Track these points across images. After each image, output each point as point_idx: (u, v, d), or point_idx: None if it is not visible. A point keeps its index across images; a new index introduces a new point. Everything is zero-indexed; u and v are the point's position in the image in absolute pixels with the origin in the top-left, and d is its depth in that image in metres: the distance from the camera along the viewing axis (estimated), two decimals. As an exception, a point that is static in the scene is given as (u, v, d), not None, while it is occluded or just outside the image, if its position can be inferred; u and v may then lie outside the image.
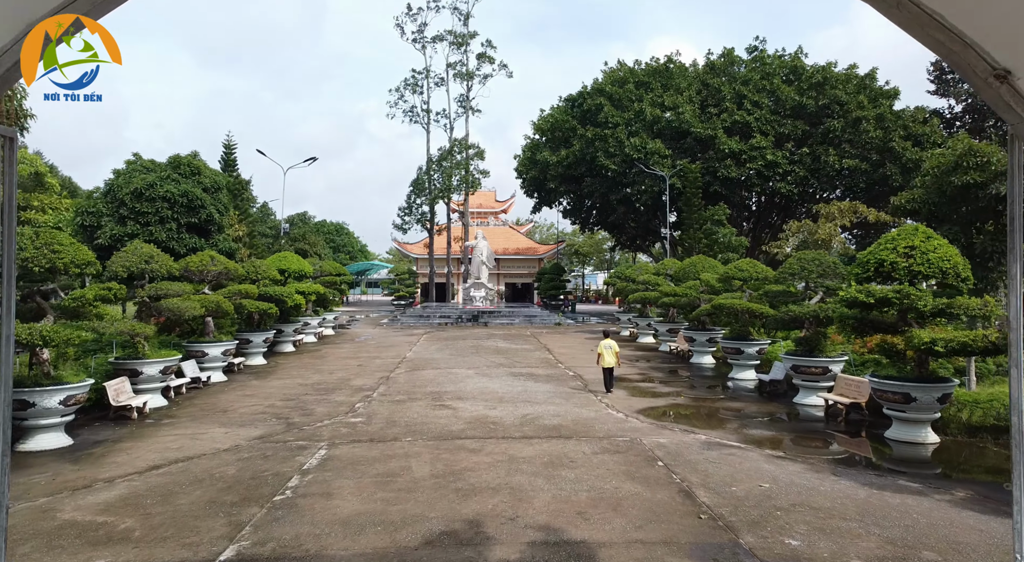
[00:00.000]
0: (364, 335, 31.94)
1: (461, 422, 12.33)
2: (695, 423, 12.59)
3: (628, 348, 26.17)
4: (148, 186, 21.28)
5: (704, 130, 36.24)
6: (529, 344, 27.18)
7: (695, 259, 21.48)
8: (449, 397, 14.99)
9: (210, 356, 17.29)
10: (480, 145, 49.70)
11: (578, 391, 15.97)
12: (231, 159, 29.18)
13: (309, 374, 18.87)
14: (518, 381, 17.38)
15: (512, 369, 19.71)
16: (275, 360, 22.00)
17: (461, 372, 19.02)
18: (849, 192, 34.61)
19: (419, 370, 19.57)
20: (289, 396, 15.23)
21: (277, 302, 21.54)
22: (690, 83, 40.19)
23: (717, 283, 19.07)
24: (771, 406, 14.43)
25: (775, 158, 35.30)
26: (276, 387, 16.57)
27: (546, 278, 53.14)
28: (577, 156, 41.23)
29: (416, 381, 17.42)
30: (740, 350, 17.83)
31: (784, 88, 36.33)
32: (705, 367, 20.94)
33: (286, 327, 24.28)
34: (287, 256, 24.33)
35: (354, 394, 15.49)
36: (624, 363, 21.34)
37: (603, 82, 43.11)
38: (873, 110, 34.91)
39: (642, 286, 28.83)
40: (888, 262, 10.51)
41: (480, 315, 38.79)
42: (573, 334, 32.71)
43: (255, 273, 20.71)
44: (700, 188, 33.57)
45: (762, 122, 36.16)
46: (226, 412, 13.49)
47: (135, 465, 9.56)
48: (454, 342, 27.80)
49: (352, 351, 24.91)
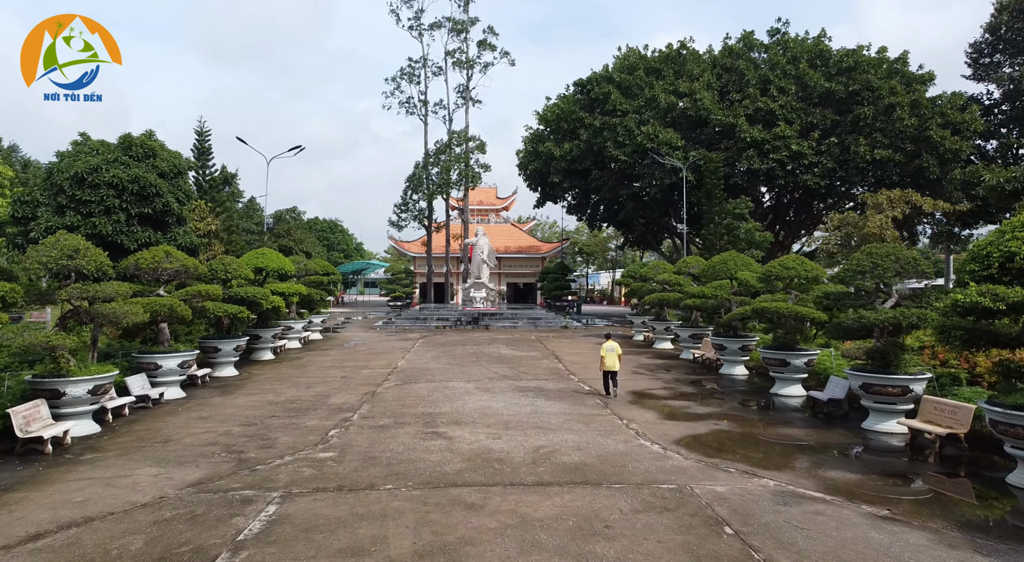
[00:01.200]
0: (354, 340, 29.36)
1: (458, 459, 9.76)
2: (753, 459, 10.00)
3: (645, 355, 23.59)
4: (91, 170, 18.28)
5: (725, 117, 33.57)
6: (535, 351, 24.60)
7: (726, 256, 18.93)
8: (444, 421, 12.42)
9: (164, 369, 14.71)
10: (481, 137, 47.03)
11: (598, 411, 13.40)
12: (205, 147, 26.56)
13: (284, 388, 16.29)
14: (526, 398, 14.80)
15: (518, 382, 17.13)
16: (249, 371, 19.42)
17: (459, 386, 16.45)
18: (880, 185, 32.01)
19: (411, 383, 17.00)
20: (251, 419, 12.65)
21: (250, 304, 18.97)
22: (705, 69, 37.56)
23: (757, 283, 16.52)
24: (835, 433, 11.84)
25: (800, 148, 32.63)
26: (239, 406, 13.99)
27: (550, 278, 50.58)
28: (583, 148, 38.60)
29: (406, 398, 14.84)
30: (785, 361, 15.25)
31: (811, 73, 33.65)
32: (738, 379, 18.38)
33: (264, 332, 21.71)
34: (265, 253, 21.76)
35: (330, 416, 12.91)
36: (644, 374, 18.80)
37: (612, 69, 40.49)
38: (907, 96, 32.25)
39: (659, 286, 26.27)
40: (1021, 256, 7.94)
41: (481, 317, 36.21)
42: (582, 339, 30.12)
43: (224, 272, 18.15)
44: (722, 179, 30.94)
45: (787, 109, 33.48)
46: (168, 442, 10.91)
47: (8, 533, 6.98)
48: (452, 348, 25.23)
49: (338, 359, 22.33)
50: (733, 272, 18.39)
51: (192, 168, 26.76)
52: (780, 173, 33.62)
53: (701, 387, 16.95)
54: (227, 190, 52.18)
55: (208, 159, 27.07)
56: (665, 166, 34.27)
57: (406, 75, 48.86)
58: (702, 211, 31.06)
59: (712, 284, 20.39)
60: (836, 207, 42.40)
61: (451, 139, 46.92)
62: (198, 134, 26.76)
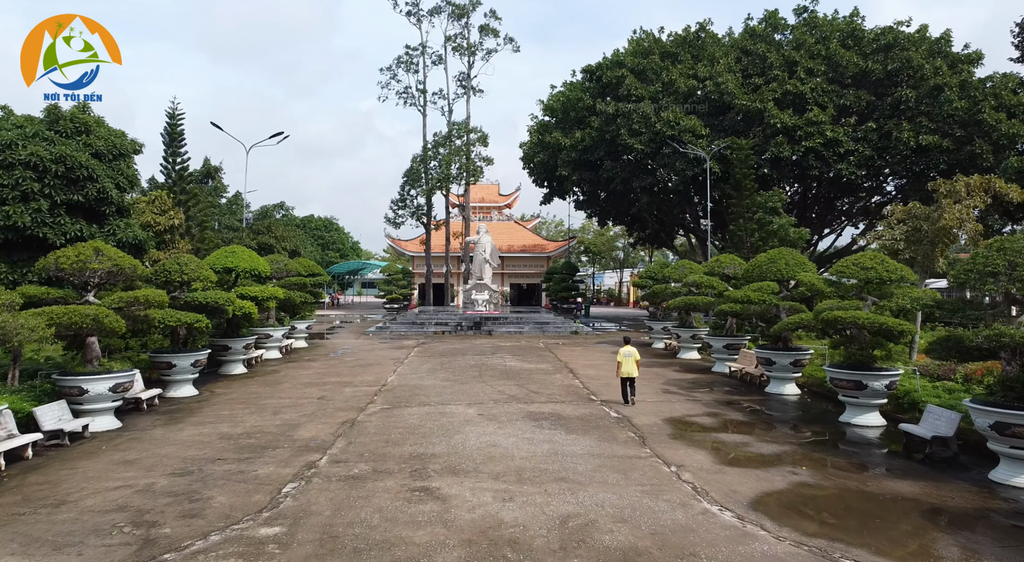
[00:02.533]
0: (343, 348, 26.48)
1: (455, 540, 6.87)
2: (873, 539, 7.08)
3: (672, 368, 20.67)
4: (3, 147, 15.42)
5: (751, 103, 30.60)
6: (545, 362, 21.71)
7: (774, 253, 16.03)
8: (438, 467, 9.53)
9: (91, 394, 11.81)
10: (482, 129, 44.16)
11: (635, 450, 10.51)
12: (176, 132, 23.62)
13: (245, 414, 13.40)
14: (541, 430, 11.90)
15: (529, 405, 14.24)
16: (212, 389, 16.53)
17: (458, 411, 13.56)
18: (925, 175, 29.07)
19: (401, 407, 14.11)
20: (190, 464, 9.77)
21: (213, 311, 16.09)
22: (726, 53, 34.59)
23: (823, 285, 13.61)
24: (960, 489, 8.90)
25: (836, 135, 29.67)
26: (181, 443, 11.09)
27: (556, 278, 47.67)
28: (595, 137, 35.62)
29: (392, 430, 11.94)
30: (861, 384, 12.33)
31: (843, 52, 30.67)
32: (789, 401, 15.47)
33: (234, 342, 18.84)
34: (237, 251, 18.87)
35: (292, 459, 10.02)
36: (677, 393, 15.87)
37: (625, 54, 37.52)
38: (955, 77, 29.27)
39: (685, 288, 23.36)
40: None
41: (483, 322, 33.32)
42: (595, 346, 27.21)
43: (180, 273, 15.26)
44: (752, 168, 27.96)
45: (818, 93, 30.52)
46: (60, 506, 8.03)
47: None
48: (451, 359, 22.34)
49: (320, 372, 19.45)
50: (785, 273, 15.47)
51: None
52: (813, 163, 30.64)
53: (751, 412, 14.03)
54: (210, 184, 49.38)
55: (179, 145, 24.15)
56: (687, 156, 31.34)
57: (403, 63, 46.11)
58: (730, 205, 28.15)
59: (751, 287, 17.47)
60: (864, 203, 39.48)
61: (451, 130, 44.11)
62: (169, 117, 23.86)
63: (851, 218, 43.34)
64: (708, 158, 30.28)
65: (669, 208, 37.55)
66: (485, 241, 37.74)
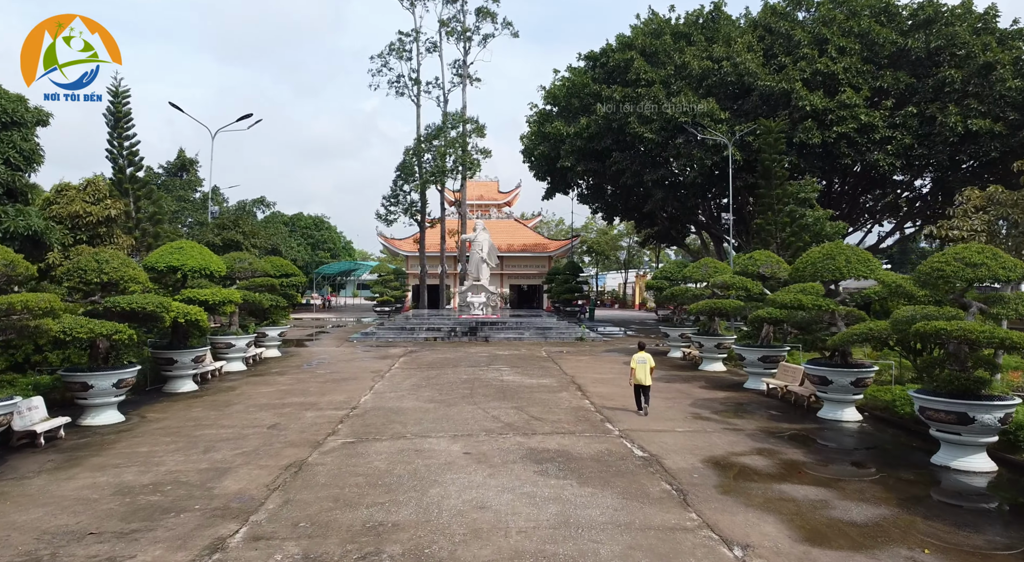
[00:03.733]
0: (320, 357, 23.55)
1: None
2: None
3: (697, 384, 17.71)
4: None
5: (775, 83, 27.65)
6: (548, 375, 18.79)
7: (830, 248, 13.09)
8: (398, 553, 6.60)
9: (-52, 432, 8.87)
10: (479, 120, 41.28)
11: (678, 515, 7.58)
12: (121, 112, 20.62)
13: (166, 453, 10.47)
14: (546, 479, 8.98)
15: (531, 438, 11.32)
16: (144, 413, 13.60)
17: (440, 449, 10.63)
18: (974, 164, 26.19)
19: (368, 441, 11.19)
20: (41, 545, 6.85)
21: (144, 319, 13.18)
22: (743, 32, 31.67)
23: (915, 288, 10.70)
24: None
25: (871, 119, 26.72)
26: (56, 503, 8.17)
27: (559, 280, 44.76)
28: (601, 125, 32.68)
29: (349, 481, 9.01)
30: (967, 417, 9.38)
31: (879, 29, 27.72)
32: (850, 429, 12.54)
33: (180, 355, 15.91)
34: (184, 247, 15.93)
35: (193, 535, 7.10)
36: (712, 419, 12.77)
37: (633, 35, 34.59)
38: (1006, 54, 26.32)
39: (708, 290, 20.44)
40: None
41: (479, 327, 30.39)
42: (604, 355, 24.28)
43: (100, 273, 12.33)
44: (783, 153, 24.98)
45: (852, 73, 27.59)
46: None
47: None
48: (440, 373, 19.41)
49: (283, 390, 16.52)
50: (846, 271, 12.51)
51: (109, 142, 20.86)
52: (845, 150, 27.67)
53: (812, 449, 11.08)
54: (183, 177, 46.47)
55: (125, 127, 21.20)
56: (705, 143, 28.40)
57: (395, 50, 43.22)
58: (758, 195, 25.18)
59: (795, 288, 14.51)
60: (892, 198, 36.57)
61: (446, 121, 41.23)
62: (112, 95, 20.93)
63: (874, 215, 40.44)
64: (730, 144, 27.29)
65: (685, 202, 34.57)
66: (482, 239, 34.82)
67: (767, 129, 24.63)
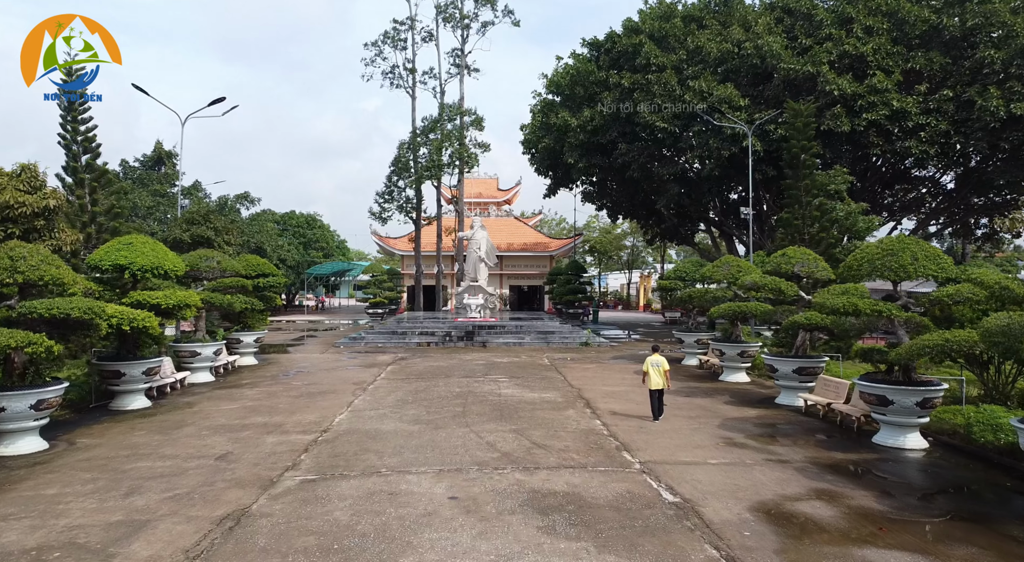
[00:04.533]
0: (300, 366, 21.43)
1: None
2: None
3: (720, 398, 15.56)
4: None
5: (800, 66, 25.49)
6: (552, 388, 16.67)
7: (892, 242, 10.96)
8: None
9: None
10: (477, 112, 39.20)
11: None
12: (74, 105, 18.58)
13: (75, 498, 8.36)
14: (554, 541, 6.86)
15: (533, 475, 9.20)
16: (75, 438, 11.50)
17: (420, 492, 8.51)
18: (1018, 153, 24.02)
19: (332, 479, 9.08)
20: None
21: (73, 326, 11.07)
22: (760, 15, 29.54)
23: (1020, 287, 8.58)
24: None
25: (904, 105, 24.59)
26: None
27: (561, 280, 42.70)
28: (607, 116, 30.57)
29: (297, 540, 6.88)
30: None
31: (909, 6, 25.56)
32: (917, 461, 10.41)
33: (129, 367, 13.80)
34: (134, 242, 13.80)
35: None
36: (747, 447, 10.54)
37: (641, 19, 32.46)
38: (1050, 32, 24.21)
39: (729, 292, 18.33)
40: None
41: (476, 331, 28.28)
42: (613, 363, 22.17)
43: (13, 272, 10.22)
44: (813, 139, 22.77)
45: (881, 54, 25.45)
46: None
47: None
48: (431, 384, 17.30)
49: (248, 407, 14.39)
50: (913, 271, 10.37)
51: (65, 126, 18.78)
52: (875, 139, 25.53)
53: (882, 489, 8.95)
54: (160, 171, 44.34)
55: (80, 109, 19.10)
56: (722, 133, 26.26)
57: (389, 39, 41.18)
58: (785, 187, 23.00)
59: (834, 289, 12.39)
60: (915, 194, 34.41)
61: (442, 113, 39.15)
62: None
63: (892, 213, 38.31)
64: (749, 132, 25.11)
65: (698, 198, 32.39)
66: (480, 237, 32.72)
67: (796, 112, 22.40)
